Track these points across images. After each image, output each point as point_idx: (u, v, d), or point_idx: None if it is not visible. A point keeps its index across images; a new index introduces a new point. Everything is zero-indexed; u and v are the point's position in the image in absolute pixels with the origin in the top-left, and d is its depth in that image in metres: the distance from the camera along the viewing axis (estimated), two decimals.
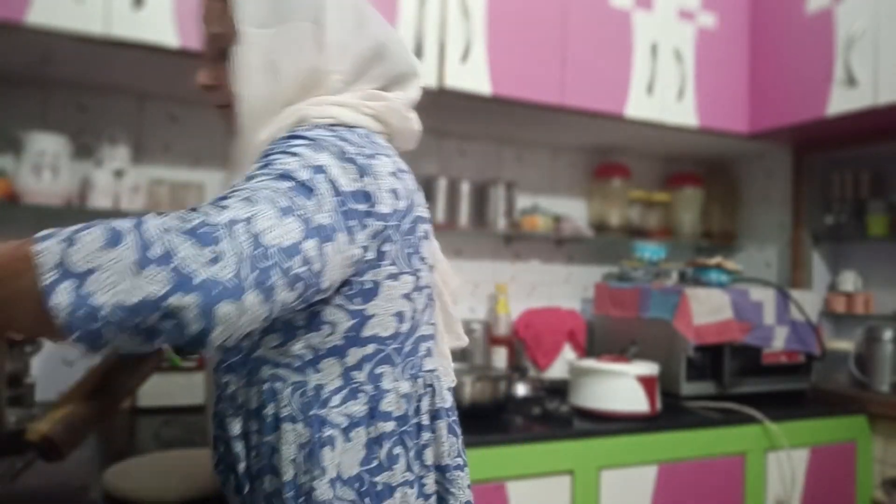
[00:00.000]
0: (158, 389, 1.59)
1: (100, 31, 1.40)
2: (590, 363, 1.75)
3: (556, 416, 1.67)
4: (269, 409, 0.71)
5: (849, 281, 2.28)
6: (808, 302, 2.01)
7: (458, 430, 0.80)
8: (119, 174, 1.71)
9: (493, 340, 2.12)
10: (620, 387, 1.68)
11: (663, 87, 2.04)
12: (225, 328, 0.54)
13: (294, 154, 0.65)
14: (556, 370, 2.10)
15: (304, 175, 0.63)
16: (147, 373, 1.04)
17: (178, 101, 1.89)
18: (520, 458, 1.48)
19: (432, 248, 0.84)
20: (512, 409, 1.73)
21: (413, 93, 0.84)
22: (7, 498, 1.06)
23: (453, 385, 0.86)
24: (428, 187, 2.13)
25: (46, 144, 1.61)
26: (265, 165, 0.65)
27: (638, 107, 2.00)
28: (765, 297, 1.96)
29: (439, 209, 2.10)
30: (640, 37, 2.01)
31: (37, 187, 1.60)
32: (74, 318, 0.50)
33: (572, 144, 2.42)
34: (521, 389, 1.85)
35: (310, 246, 0.60)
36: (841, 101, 1.91)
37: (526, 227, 2.22)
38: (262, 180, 0.62)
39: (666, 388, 1.86)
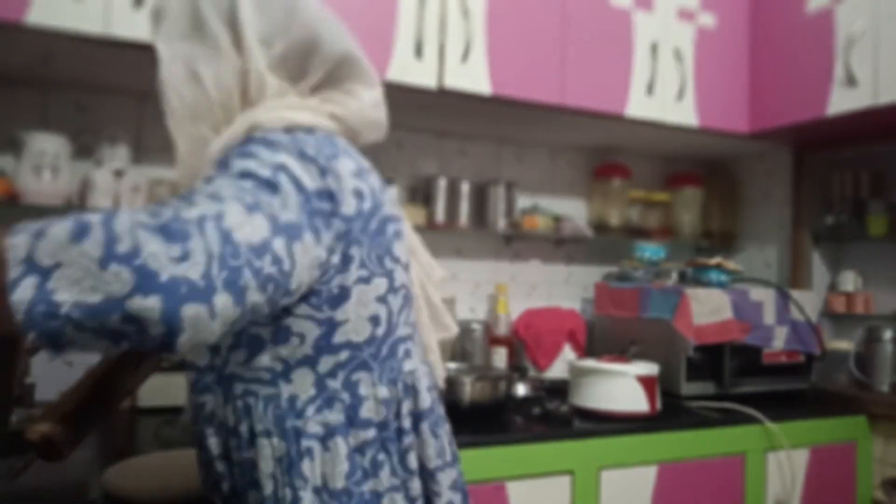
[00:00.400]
0: (158, 389, 1.58)
1: (100, 31, 1.40)
2: (590, 363, 1.75)
3: (556, 416, 1.67)
4: (244, 426, 0.70)
5: (849, 281, 2.28)
6: (808, 302, 2.01)
7: (440, 430, 0.78)
8: (119, 174, 1.71)
9: (493, 340, 2.12)
10: (620, 387, 1.68)
11: (663, 87, 2.03)
12: (194, 332, 0.50)
13: (251, 155, 0.63)
14: (556, 370, 2.10)
15: (265, 173, 0.61)
16: (147, 373, 1.04)
17: None
18: (520, 458, 1.48)
19: (412, 241, 0.83)
20: (512, 409, 1.73)
21: (375, 92, 0.80)
22: (7, 498, 1.06)
23: (444, 376, 0.86)
24: (428, 187, 2.13)
25: (46, 144, 1.61)
26: (223, 168, 0.63)
27: (638, 107, 1.99)
28: (765, 297, 1.96)
29: (439, 209, 2.10)
30: (640, 37, 2.01)
31: (37, 187, 1.60)
32: (33, 315, 0.47)
33: (572, 144, 2.42)
34: (521, 389, 1.85)
35: (278, 245, 0.58)
36: (841, 101, 1.91)
37: (526, 227, 2.22)
38: (223, 180, 0.60)
39: (666, 388, 1.86)
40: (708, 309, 1.86)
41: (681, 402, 1.85)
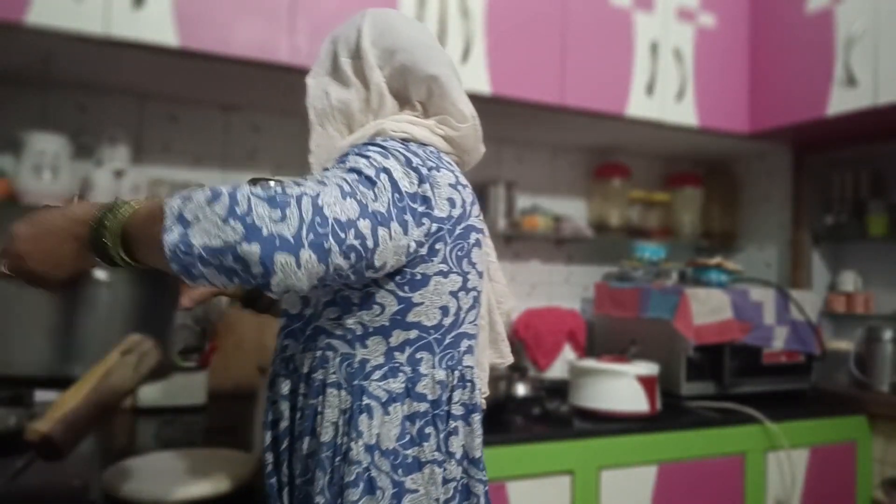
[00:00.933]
0: (158, 389, 1.59)
1: (100, 31, 1.40)
2: (590, 363, 1.75)
3: (556, 416, 1.67)
4: (319, 375, 0.82)
5: (849, 281, 2.28)
6: (808, 302, 2.01)
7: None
8: (119, 174, 1.71)
9: None
10: (620, 387, 1.68)
11: (663, 87, 2.04)
12: (284, 276, 0.66)
13: (366, 156, 0.78)
14: (556, 370, 2.10)
15: (369, 171, 0.75)
16: (146, 373, 1.04)
17: (178, 101, 1.89)
18: (520, 458, 1.48)
19: (492, 268, 0.98)
20: (512, 409, 1.73)
21: (466, 102, 0.93)
22: (7, 498, 1.06)
23: (486, 394, 0.95)
24: None
25: (46, 144, 1.61)
26: (341, 162, 0.78)
27: (638, 107, 2.00)
28: (765, 297, 1.96)
29: None
30: (640, 37, 2.01)
31: (37, 187, 1.60)
32: (175, 251, 0.65)
33: (572, 144, 2.42)
34: (521, 389, 1.85)
35: (364, 225, 0.71)
36: (841, 101, 1.91)
37: (526, 227, 2.22)
38: (335, 171, 0.76)
39: (666, 388, 1.86)
40: (708, 309, 1.86)
41: (681, 402, 1.86)
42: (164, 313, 1.02)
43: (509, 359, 1.02)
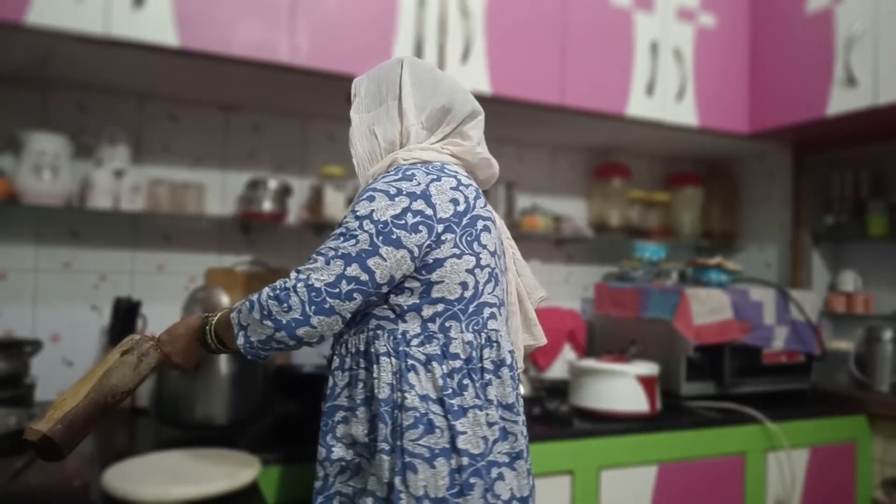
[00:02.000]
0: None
1: (100, 31, 1.40)
2: (590, 363, 1.75)
3: (556, 416, 1.67)
4: (373, 349, 1.02)
5: (849, 281, 2.28)
6: (808, 302, 2.01)
7: (517, 384, 1.07)
8: (119, 174, 1.71)
9: None
10: (620, 387, 1.68)
11: (663, 87, 2.04)
12: (309, 338, 0.96)
13: (354, 212, 0.99)
14: (556, 370, 2.10)
15: (353, 226, 0.97)
16: (146, 373, 1.04)
17: (178, 101, 1.89)
18: None
19: (520, 265, 1.18)
20: None
21: (478, 130, 1.14)
22: (7, 498, 1.06)
23: (521, 370, 1.13)
24: None
25: (46, 144, 1.61)
26: (340, 225, 1.00)
27: (638, 107, 2.00)
28: (765, 297, 1.96)
29: None
30: (640, 37, 2.01)
31: (37, 187, 1.60)
32: (245, 348, 0.99)
33: (572, 144, 2.42)
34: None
35: (352, 269, 0.95)
36: (841, 101, 1.91)
37: (526, 227, 2.22)
38: (330, 241, 0.98)
39: (666, 388, 1.86)
40: (708, 309, 1.86)
41: (681, 402, 1.86)
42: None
43: (543, 341, 1.20)
